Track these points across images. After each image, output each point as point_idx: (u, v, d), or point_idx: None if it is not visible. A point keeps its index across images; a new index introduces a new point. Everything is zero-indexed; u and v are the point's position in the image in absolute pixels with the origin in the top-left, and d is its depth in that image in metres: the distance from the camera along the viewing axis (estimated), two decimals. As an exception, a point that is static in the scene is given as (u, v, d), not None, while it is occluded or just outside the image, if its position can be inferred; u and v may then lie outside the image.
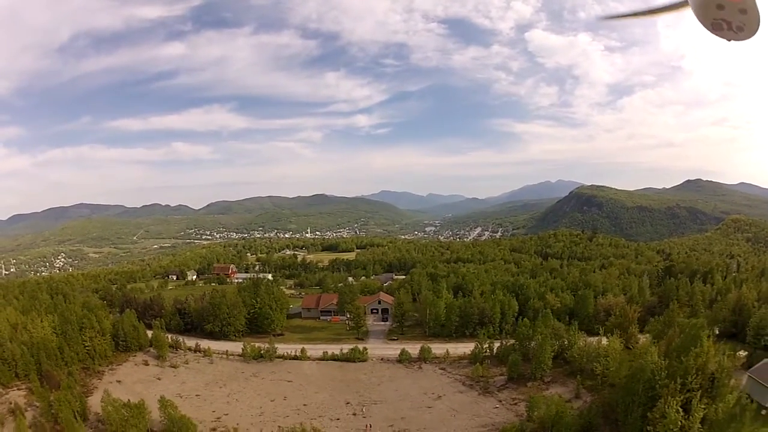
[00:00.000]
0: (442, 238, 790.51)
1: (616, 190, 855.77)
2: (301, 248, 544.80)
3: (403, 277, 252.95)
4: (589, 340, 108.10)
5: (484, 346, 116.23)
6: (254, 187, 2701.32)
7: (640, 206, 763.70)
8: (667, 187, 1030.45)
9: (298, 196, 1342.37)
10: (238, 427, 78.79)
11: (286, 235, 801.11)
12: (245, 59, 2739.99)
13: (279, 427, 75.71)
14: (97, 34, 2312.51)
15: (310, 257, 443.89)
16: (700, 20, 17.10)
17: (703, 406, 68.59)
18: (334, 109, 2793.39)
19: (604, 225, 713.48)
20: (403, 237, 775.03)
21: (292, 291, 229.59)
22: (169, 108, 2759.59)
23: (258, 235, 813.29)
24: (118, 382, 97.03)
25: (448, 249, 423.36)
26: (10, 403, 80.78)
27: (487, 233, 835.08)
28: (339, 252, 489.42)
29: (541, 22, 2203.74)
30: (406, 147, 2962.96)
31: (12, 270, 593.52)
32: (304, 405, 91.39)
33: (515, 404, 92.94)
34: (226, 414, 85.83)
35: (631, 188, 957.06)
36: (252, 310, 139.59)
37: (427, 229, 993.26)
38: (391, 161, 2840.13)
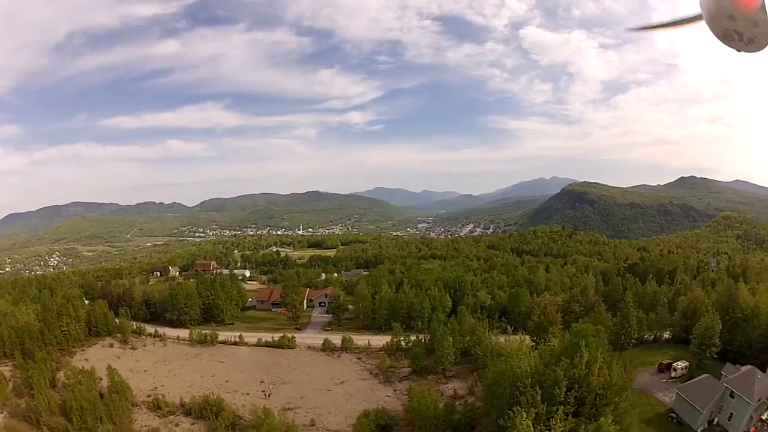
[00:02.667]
0: (433, 234, 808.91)
1: (609, 186, 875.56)
2: (288, 245, 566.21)
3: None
4: (504, 338, 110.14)
5: (400, 339, 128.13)
6: (248, 184, 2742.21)
7: (633, 203, 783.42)
8: (661, 184, 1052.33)
9: (292, 193, 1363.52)
10: (166, 396, 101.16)
11: (279, 232, 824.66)
12: (239, 56, 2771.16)
13: (192, 396, 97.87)
14: (93, 32, 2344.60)
15: (296, 254, 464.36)
16: (711, 30, 17.39)
17: (565, 423, 66.44)
18: (328, 106, 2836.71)
19: (596, 221, 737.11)
20: (394, 234, 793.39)
21: (265, 286, 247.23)
22: (163, 105, 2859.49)
23: (251, 233, 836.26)
24: (86, 359, 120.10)
25: (427, 246, 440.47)
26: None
27: (479, 229, 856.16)
28: (324, 249, 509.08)
29: (535, 19, 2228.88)
30: (401, 144, 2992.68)
31: (7, 269, 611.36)
32: (227, 381, 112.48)
33: (407, 394, 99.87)
34: (163, 385, 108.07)
35: (626, 185, 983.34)
36: (206, 302, 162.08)
37: (420, 225, 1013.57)
38: (385, 158, 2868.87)
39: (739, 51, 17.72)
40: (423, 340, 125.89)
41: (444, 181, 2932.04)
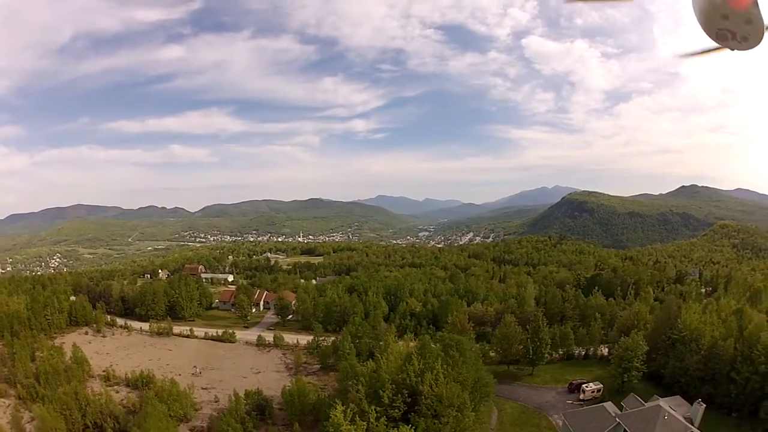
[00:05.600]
0: (433, 243, 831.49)
1: (609, 196, 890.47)
2: (283, 252, 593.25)
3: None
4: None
5: (319, 339, 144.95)
6: (251, 190, 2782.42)
7: (632, 212, 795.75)
8: (663, 193, 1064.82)
9: (294, 200, 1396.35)
10: (116, 371, 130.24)
11: (279, 239, 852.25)
12: (244, 63, 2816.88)
13: (132, 371, 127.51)
14: (97, 36, 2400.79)
15: (287, 260, 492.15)
16: (704, 30, 17.60)
17: (385, 424, 74.06)
18: (331, 114, 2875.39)
19: (595, 231, 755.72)
20: (394, 242, 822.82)
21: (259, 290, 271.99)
22: (167, 110, 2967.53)
23: (251, 239, 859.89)
24: (63, 342, 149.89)
25: (412, 255, 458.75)
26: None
27: (478, 238, 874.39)
28: (315, 256, 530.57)
29: (537, 28, 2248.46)
30: (404, 152, 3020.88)
31: (8, 269, 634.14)
32: (167, 364, 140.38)
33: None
34: (117, 365, 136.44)
35: (628, 194, 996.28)
36: (171, 300, 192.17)
37: (421, 234, 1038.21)
38: (388, 166, 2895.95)
39: (732, 50, 18.04)
40: (335, 342, 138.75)
41: (447, 189, 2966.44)
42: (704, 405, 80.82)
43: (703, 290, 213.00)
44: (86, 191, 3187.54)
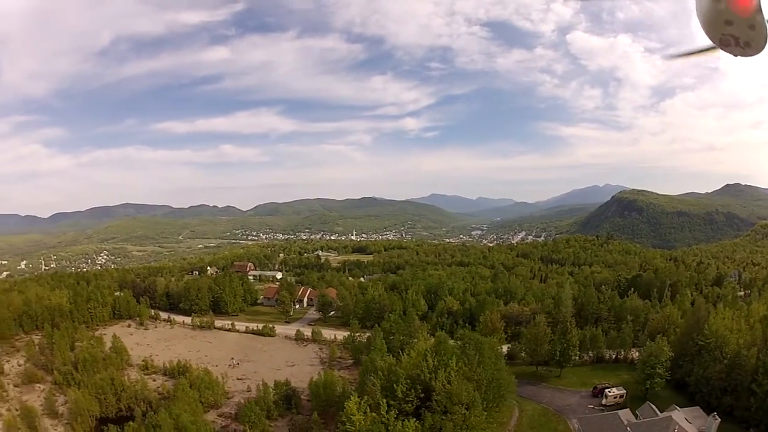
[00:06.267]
0: (485, 241, 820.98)
1: (657, 194, 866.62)
2: (334, 250, 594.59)
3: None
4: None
5: (355, 335, 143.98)
6: (303, 189, 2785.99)
7: (680, 211, 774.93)
8: (708, 191, 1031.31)
9: (347, 199, 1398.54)
10: (155, 361, 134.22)
11: (332, 237, 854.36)
12: (291, 63, 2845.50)
13: (170, 361, 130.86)
14: (138, 39, 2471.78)
15: (338, 258, 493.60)
16: (708, 36, 17.68)
17: (396, 416, 77.01)
18: (382, 113, 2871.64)
19: (644, 230, 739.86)
20: (447, 240, 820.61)
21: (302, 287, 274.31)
22: (215, 111, 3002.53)
23: (304, 237, 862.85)
24: (103, 334, 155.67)
25: (458, 252, 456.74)
26: (30, 339, 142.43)
27: (530, 237, 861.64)
28: (366, 254, 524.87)
29: (581, 23, 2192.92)
30: (455, 150, 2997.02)
31: (52, 266, 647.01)
32: (205, 356, 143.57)
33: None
34: (157, 355, 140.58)
35: (674, 192, 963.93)
36: (215, 295, 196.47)
37: (474, 232, 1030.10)
38: (440, 164, 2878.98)
39: (735, 56, 18.02)
40: (368, 338, 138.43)
41: (499, 188, 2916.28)
42: (719, 419, 78.01)
43: (741, 293, 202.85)
44: (134, 191, 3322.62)
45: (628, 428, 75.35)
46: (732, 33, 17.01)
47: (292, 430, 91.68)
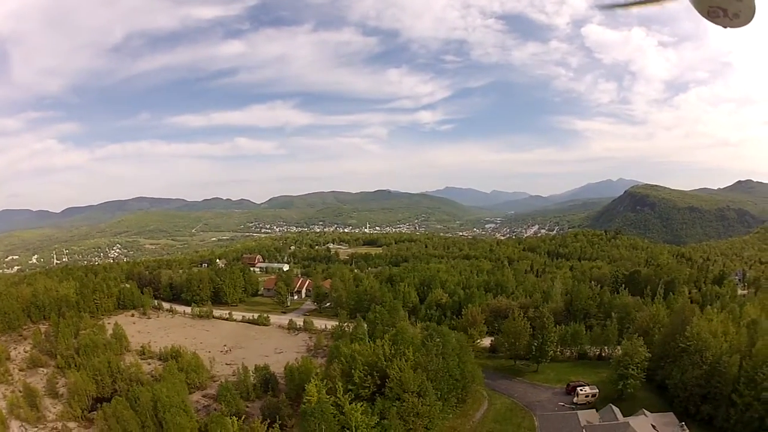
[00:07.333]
0: (498, 234, 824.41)
1: (670, 189, 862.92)
2: (345, 242, 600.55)
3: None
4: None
5: (342, 325, 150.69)
6: (318, 182, 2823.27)
7: (692, 207, 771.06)
8: (721, 187, 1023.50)
9: (362, 192, 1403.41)
10: (153, 347, 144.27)
11: (345, 230, 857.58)
12: (306, 56, 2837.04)
13: (164, 346, 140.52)
14: (152, 34, 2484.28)
15: (349, 251, 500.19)
16: (696, 8, 18.15)
17: (351, 400, 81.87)
18: (398, 105, 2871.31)
19: (656, 225, 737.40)
20: (460, 233, 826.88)
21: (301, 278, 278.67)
22: (230, 104, 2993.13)
23: (317, 230, 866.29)
24: (108, 323, 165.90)
25: (467, 245, 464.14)
26: (37, 328, 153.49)
27: (543, 231, 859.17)
28: (376, 247, 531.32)
29: (595, 16, 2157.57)
30: (471, 143, 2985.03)
31: (64, 259, 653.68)
32: (201, 343, 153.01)
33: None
34: (155, 342, 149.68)
35: (688, 188, 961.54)
36: (216, 286, 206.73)
37: (487, 226, 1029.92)
38: (455, 157, 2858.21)
39: (725, 27, 18.30)
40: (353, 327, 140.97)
41: (514, 181, 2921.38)
42: (687, 430, 76.47)
43: (744, 292, 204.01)
44: (148, 184, 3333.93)
45: (584, 430, 75.36)
46: (720, 5, 17.74)
47: (264, 409, 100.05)
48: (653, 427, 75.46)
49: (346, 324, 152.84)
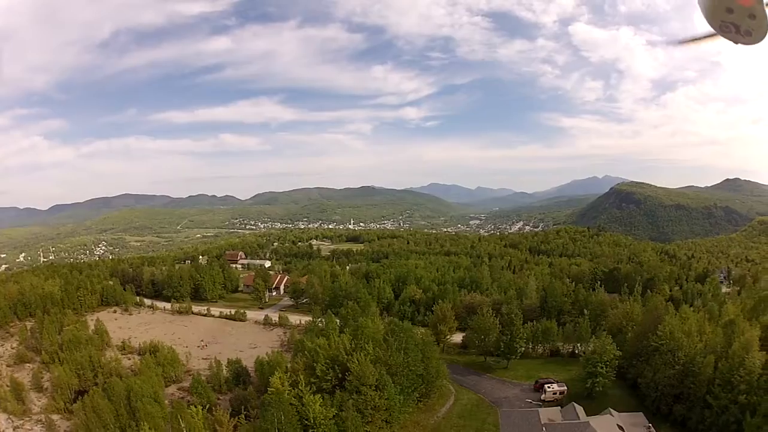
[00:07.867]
0: (482, 231, 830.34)
1: (656, 187, 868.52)
2: (328, 238, 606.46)
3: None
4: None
5: (316, 320, 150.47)
6: (303, 178, 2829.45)
7: (678, 204, 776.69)
8: (708, 186, 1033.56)
9: (346, 188, 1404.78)
10: (133, 343, 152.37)
11: (330, 226, 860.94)
12: (292, 52, 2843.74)
13: (144, 342, 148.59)
14: (139, 30, 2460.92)
15: (332, 247, 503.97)
16: (708, 22, 17.99)
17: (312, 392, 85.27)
18: (382, 102, 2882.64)
19: (641, 222, 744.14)
20: (444, 230, 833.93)
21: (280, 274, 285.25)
22: (216, 100, 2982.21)
23: (302, 226, 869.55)
24: (91, 319, 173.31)
25: (449, 242, 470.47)
26: (23, 325, 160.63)
27: (528, 227, 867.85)
28: (359, 243, 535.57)
29: (583, 15, 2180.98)
30: (456, 140, 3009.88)
31: (51, 257, 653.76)
32: (179, 338, 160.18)
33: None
34: (135, 337, 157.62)
35: (675, 186, 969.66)
36: (196, 283, 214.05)
37: (472, 222, 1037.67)
38: (440, 154, 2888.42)
39: (735, 43, 18.24)
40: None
41: (499, 178, 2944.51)
42: (654, 431, 77.39)
43: (728, 290, 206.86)
44: (134, 181, 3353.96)
45: (544, 429, 75.77)
46: (733, 21, 17.64)
47: (233, 400, 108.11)
48: (619, 427, 76.09)
49: (319, 320, 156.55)
